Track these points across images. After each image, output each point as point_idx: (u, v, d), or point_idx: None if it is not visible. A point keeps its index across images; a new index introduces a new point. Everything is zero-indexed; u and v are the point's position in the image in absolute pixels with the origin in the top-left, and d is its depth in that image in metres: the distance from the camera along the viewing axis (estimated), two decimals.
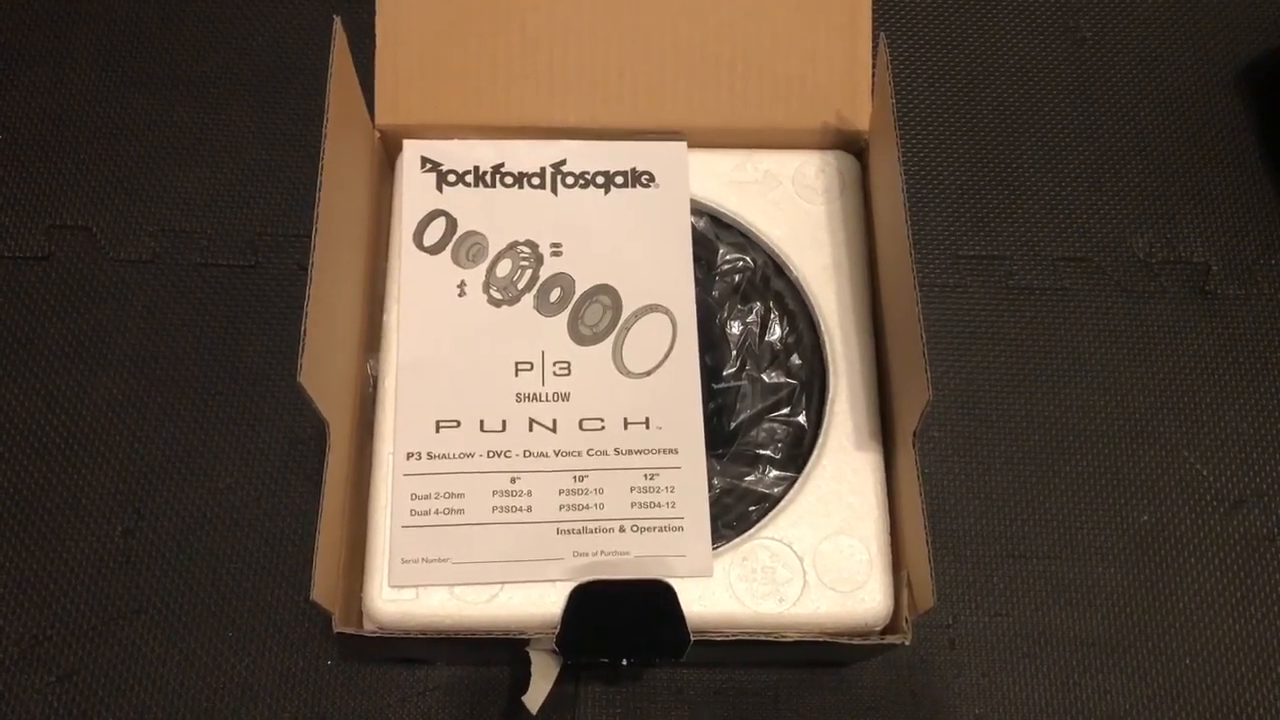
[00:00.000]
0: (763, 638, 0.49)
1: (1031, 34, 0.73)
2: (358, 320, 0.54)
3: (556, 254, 0.54)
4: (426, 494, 0.50)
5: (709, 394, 0.55)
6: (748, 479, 0.53)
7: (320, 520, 0.45)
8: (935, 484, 0.62)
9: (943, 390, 0.63)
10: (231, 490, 0.60)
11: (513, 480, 0.50)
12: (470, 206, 0.55)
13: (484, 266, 0.54)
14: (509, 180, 0.55)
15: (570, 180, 0.55)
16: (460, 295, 0.53)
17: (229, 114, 0.69)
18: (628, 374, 0.52)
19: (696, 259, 0.57)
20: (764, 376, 0.55)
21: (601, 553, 0.49)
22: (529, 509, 0.49)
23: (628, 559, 0.50)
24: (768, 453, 0.53)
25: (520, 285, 0.53)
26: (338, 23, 0.49)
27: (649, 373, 0.53)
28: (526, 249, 0.54)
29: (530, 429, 0.51)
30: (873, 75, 0.56)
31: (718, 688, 0.57)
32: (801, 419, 0.54)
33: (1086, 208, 0.69)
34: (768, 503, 0.52)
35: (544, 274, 0.54)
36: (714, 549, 0.51)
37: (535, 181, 0.55)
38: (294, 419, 0.62)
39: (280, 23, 0.71)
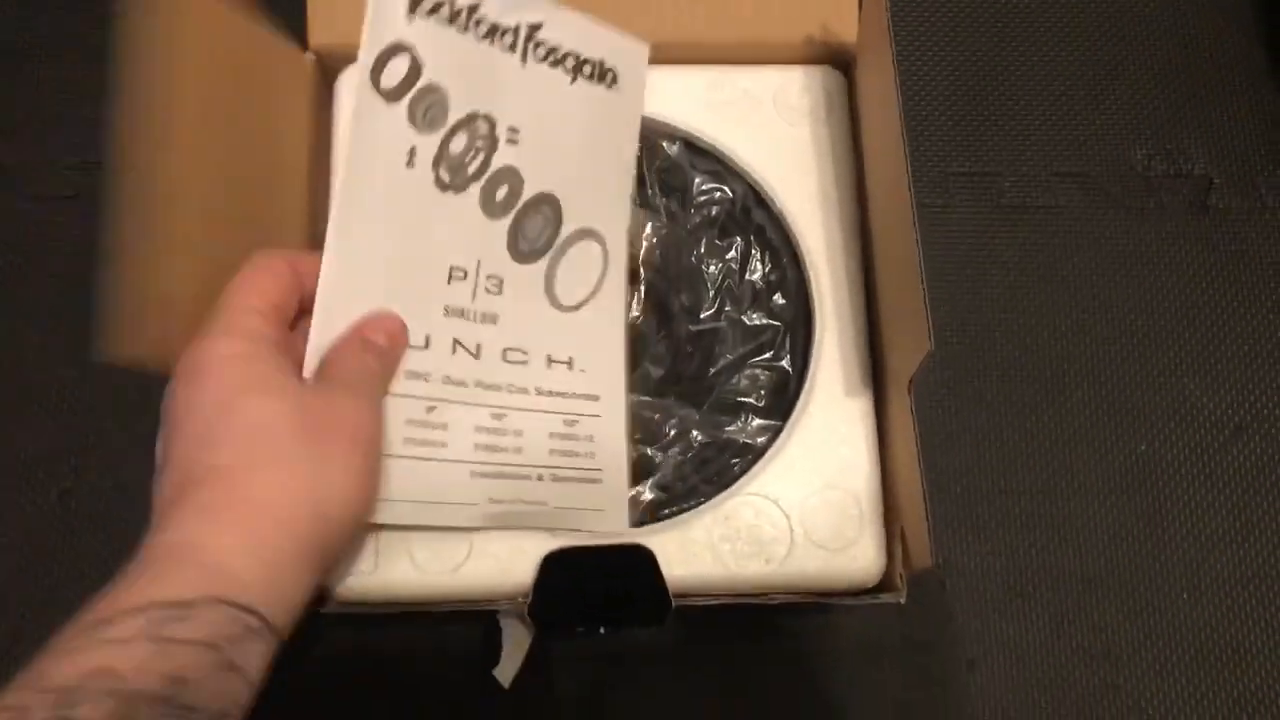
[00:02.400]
0: (748, 601, 0.46)
1: None
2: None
3: (512, 142, 0.46)
4: None
5: (686, 337, 0.51)
6: (729, 429, 0.49)
7: None
8: (923, 418, 0.57)
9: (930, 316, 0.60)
10: None
11: (429, 410, 0.44)
12: (439, 49, 0.44)
13: (439, 135, 0.44)
14: (482, 29, 0.45)
15: (543, 53, 0.46)
16: (409, 165, 0.44)
17: None
18: (557, 305, 0.47)
19: (670, 189, 0.52)
20: (744, 318, 0.51)
21: (520, 500, 0.45)
22: (444, 444, 0.44)
23: (545, 509, 0.45)
24: (750, 400, 0.50)
25: (471, 170, 0.45)
26: None
27: (577, 307, 0.48)
28: (485, 125, 0.45)
29: (454, 350, 0.45)
30: None
31: (701, 637, 0.55)
32: (786, 363, 0.50)
33: (1082, 120, 0.64)
34: (751, 455, 0.49)
35: (496, 163, 0.46)
36: (694, 506, 0.47)
37: (508, 40, 0.46)
38: None
39: None
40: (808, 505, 0.48)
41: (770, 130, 0.52)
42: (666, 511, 0.48)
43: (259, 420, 0.37)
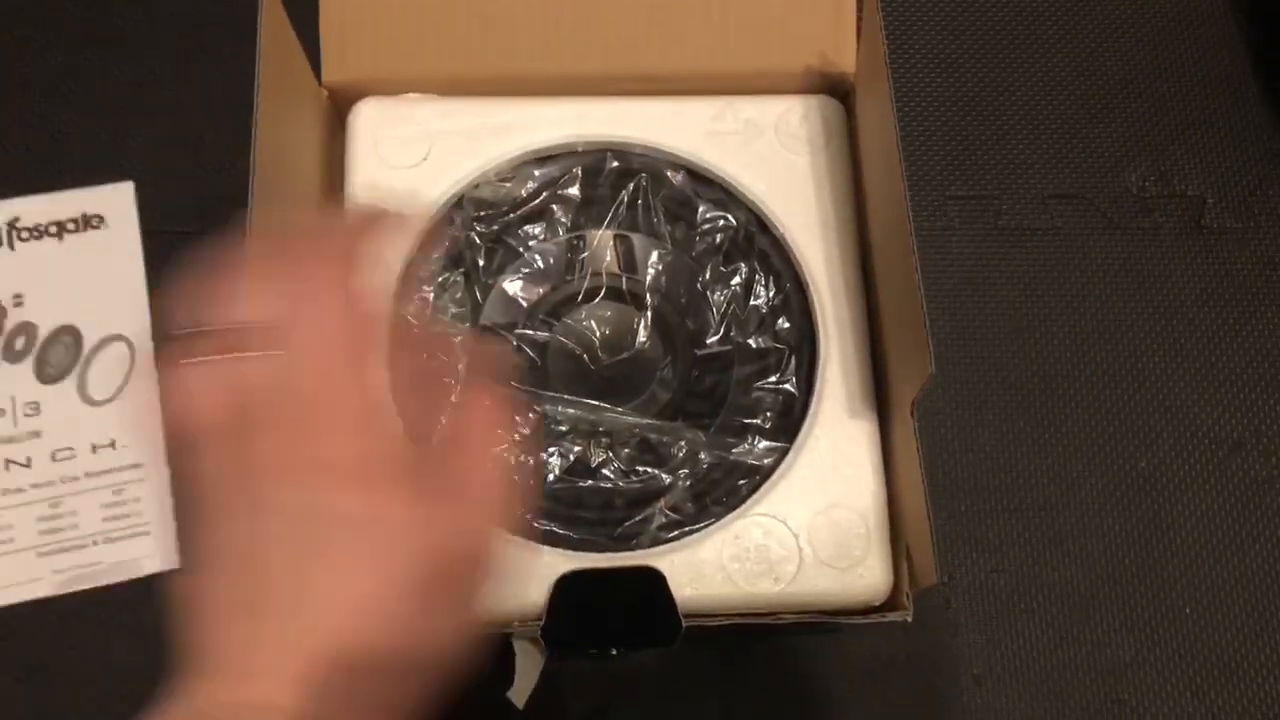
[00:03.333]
0: (757, 621, 0.47)
1: None
2: None
3: (19, 305, 0.57)
4: None
5: (692, 361, 0.52)
6: (736, 451, 0.50)
7: None
8: (927, 436, 0.59)
9: (932, 338, 0.60)
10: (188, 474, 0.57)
11: None
12: None
13: None
14: None
15: (25, 235, 0.58)
16: None
17: (162, 71, 0.64)
18: (92, 402, 0.56)
19: (675, 217, 0.53)
20: (750, 342, 0.52)
21: (77, 567, 0.53)
22: (11, 540, 0.54)
23: (101, 567, 0.53)
24: (756, 422, 0.51)
25: None
26: None
27: (112, 398, 0.56)
28: None
29: (6, 469, 0.55)
30: (858, 15, 0.52)
31: (710, 656, 0.56)
32: (791, 386, 0.51)
33: (1078, 143, 0.66)
34: (758, 476, 0.50)
35: (8, 325, 0.56)
36: (703, 527, 0.48)
37: None
38: None
39: None
40: (815, 525, 0.49)
41: (772, 158, 0.54)
42: (676, 533, 0.48)
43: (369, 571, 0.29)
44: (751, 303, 0.52)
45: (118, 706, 0.54)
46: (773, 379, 0.51)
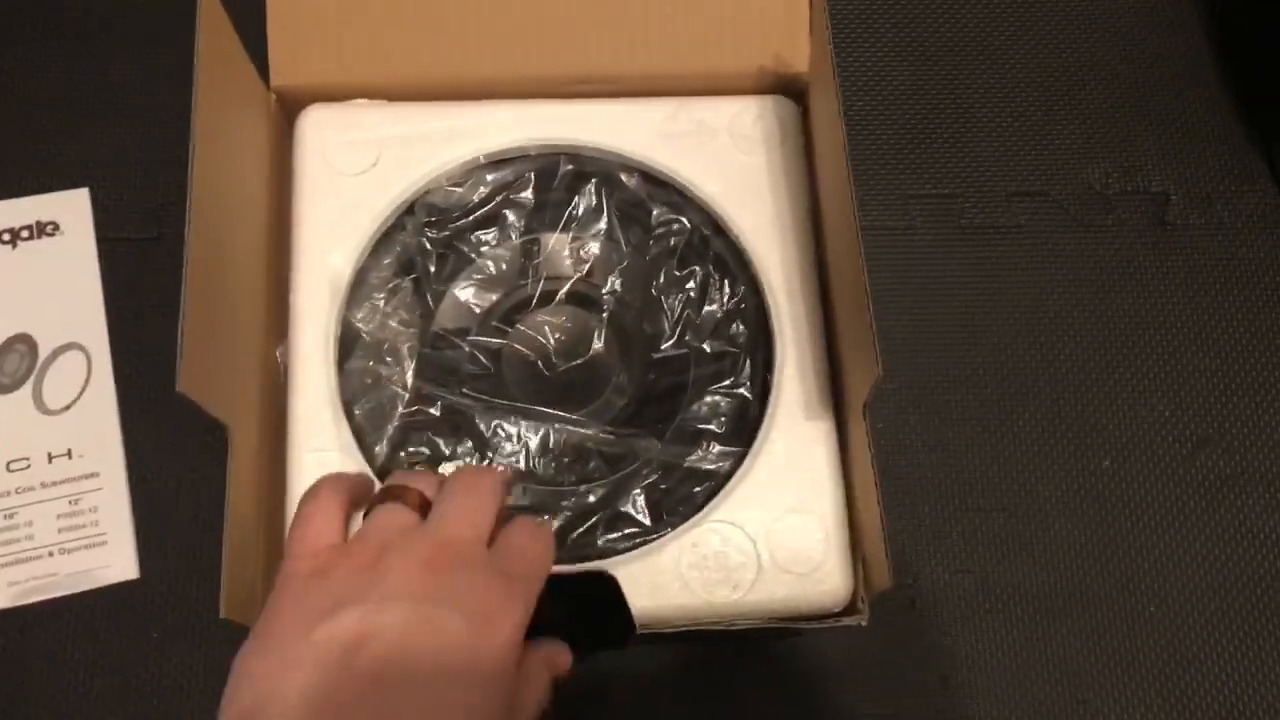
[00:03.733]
0: (716, 628, 0.46)
1: None
2: (261, 300, 0.49)
3: None
4: None
5: (648, 365, 0.52)
6: (690, 458, 0.49)
7: (226, 529, 0.42)
8: (889, 438, 0.60)
9: (894, 339, 0.60)
10: (148, 481, 0.57)
11: None
12: None
13: None
14: None
15: None
16: None
17: (115, 71, 0.63)
18: (48, 411, 0.57)
19: (630, 220, 0.53)
20: (704, 346, 0.51)
21: (33, 578, 0.54)
22: None
23: (57, 578, 0.54)
24: (711, 428, 0.50)
25: None
26: None
27: (68, 407, 0.57)
28: None
29: None
30: (810, 12, 0.52)
31: (670, 661, 0.55)
32: (746, 390, 0.51)
33: (1039, 140, 0.65)
34: (713, 482, 0.49)
35: None
36: (659, 535, 0.48)
37: None
38: None
39: None
40: (773, 530, 0.48)
41: (726, 160, 0.53)
42: (633, 543, 0.48)
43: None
44: (706, 307, 0.52)
45: (76, 718, 0.54)
46: (727, 383, 0.51)
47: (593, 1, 0.52)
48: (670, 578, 0.47)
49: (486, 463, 0.49)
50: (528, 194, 0.53)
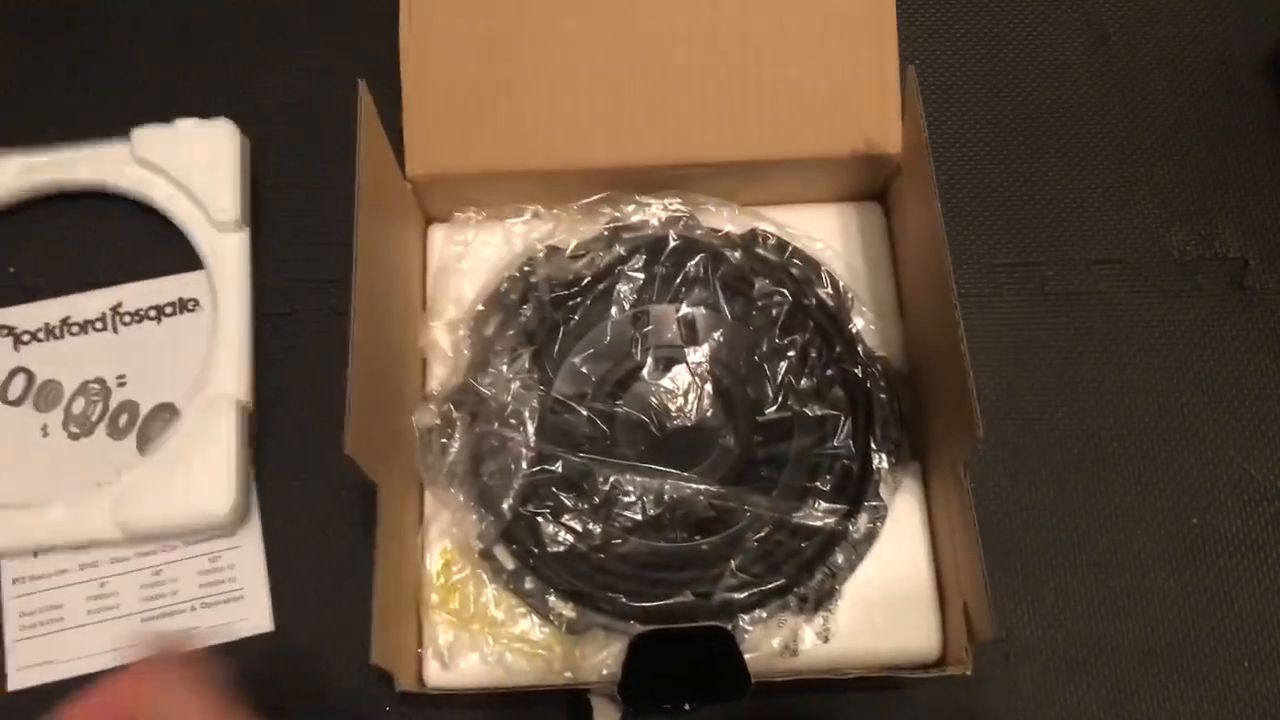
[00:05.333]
0: (819, 677, 0.49)
1: (1052, 33, 0.72)
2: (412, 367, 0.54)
3: (122, 384, 0.62)
4: (30, 610, 0.58)
5: (753, 428, 0.55)
6: (798, 514, 0.52)
7: (375, 581, 0.45)
8: (981, 497, 0.61)
9: (984, 401, 0.61)
10: (282, 540, 0.60)
11: (101, 585, 0.58)
12: (42, 358, 0.62)
13: (60, 408, 0.61)
14: (74, 329, 0.63)
15: (128, 319, 0.63)
16: (44, 436, 0.61)
17: (266, 146, 0.68)
18: None
19: (735, 292, 0.57)
20: (807, 410, 0.54)
21: (176, 631, 0.58)
22: (117, 606, 0.58)
23: (199, 631, 0.58)
24: (817, 484, 0.53)
25: (94, 418, 0.61)
26: (363, 87, 0.49)
27: None
28: (96, 385, 0.62)
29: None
30: (901, 99, 0.56)
31: (775, 710, 0.57)
32: (847, 450, 0.53)
33: (1118, 208, 0.68)
34: (819, 537, 0.52)
35: (113, 404, 0.61)
36: (768, 589, 0.51)
37: (99, 325, 0.63)
38: (338, 465, 0.61)
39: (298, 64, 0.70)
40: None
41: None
42: (746, 594, 0.51)
43: None
44: (807, 372, 0.55)
45: None
46: (830, 444, 0.54)
47: (697, 92, 0.56)
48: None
49: (605, 515, 0.53)
50: (639, 268, 0.57)
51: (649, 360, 0.57)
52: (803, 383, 0.55)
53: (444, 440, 0.53)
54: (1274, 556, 0.60)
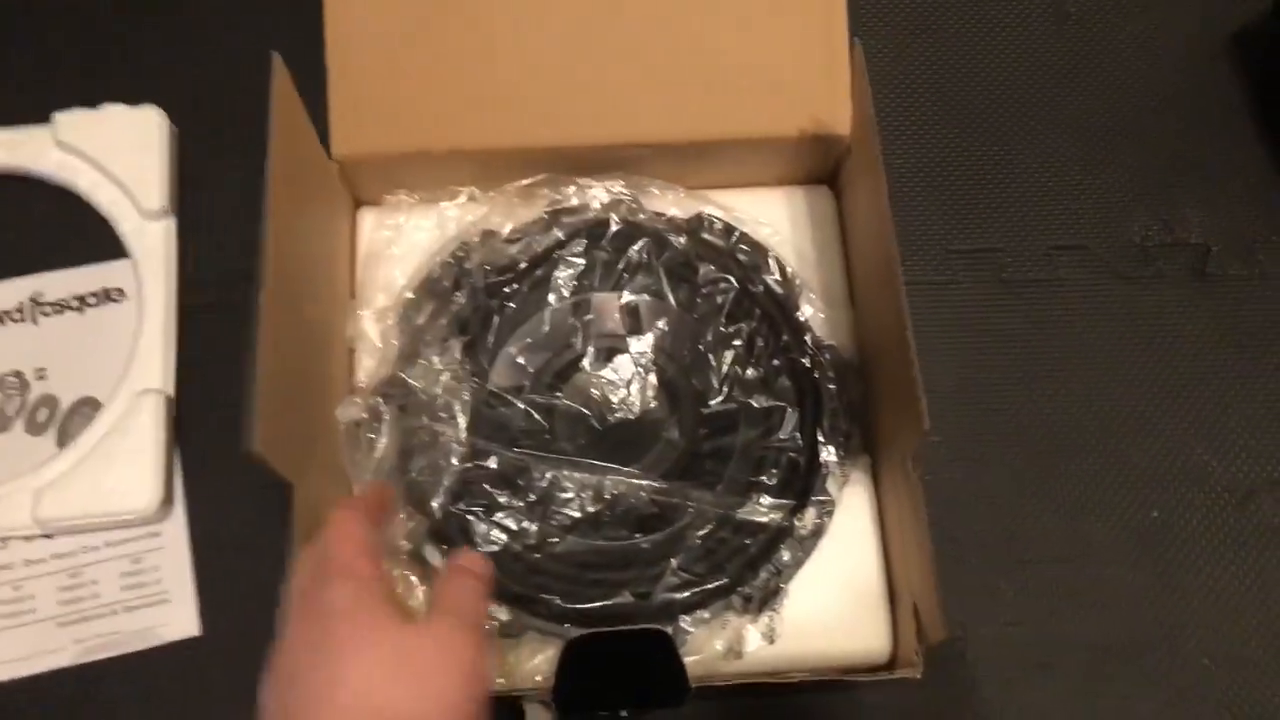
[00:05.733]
0: (766, 681, 0.47)
1: (1012, 11, 0.70)
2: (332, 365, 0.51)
3: (41, 378, 0.59)
4: None
5: (697, 420, 0.53)
6: (742, 510, 0.50)
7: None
8: (936, 489, 0.59)
9: (938, 391, 0.60)
10: (209, 539, 0.58)
11: (15, 589, 0.56)
12: None
13: None
14: None
15: (49, 309, 0.60)
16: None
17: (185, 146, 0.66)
18: None
19: (680, 279, 0.54)
20: (753, 401, 0.52)
21: (97, 636, 0.55)
22: (33, 610, 0.55)
23: (120, 636, 0.55)
24: (762, 479, 0.51)
25: (11, 413, 0.58)
26: (277, 60, 0.46)
27: None
28: (14, 379, 0.59)
29: (29, 540, 0.56)
30: (851, 77, 0.54)
31: (721, 714, 0.55)
32: (794, 444, 0.51)
33: (1079, 193, 0.66)
34: (764, 534, 0.50)
35: (31, 398, 0.58)
36: (710, 588, 0.49)
37: (17, 316, 0.60)
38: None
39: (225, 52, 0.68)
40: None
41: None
42: (688, 593, 0.49)
43: (362, 682, 0.39)
44: (753, 362, 0.53)
45: None
46: (776, 437, 0.52)
47: (640, 70, 0.54)
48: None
49: (542, 512, 0.51)
50: (579, 254, 0.55)
51: (589, 350, 0.55)
52: (749, 373, 0.53)
53: (371, 435, 0.51)
54: (1233, 550, 0.59)
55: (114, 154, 0.62)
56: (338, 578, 0.41)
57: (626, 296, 0.55)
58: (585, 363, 0.55)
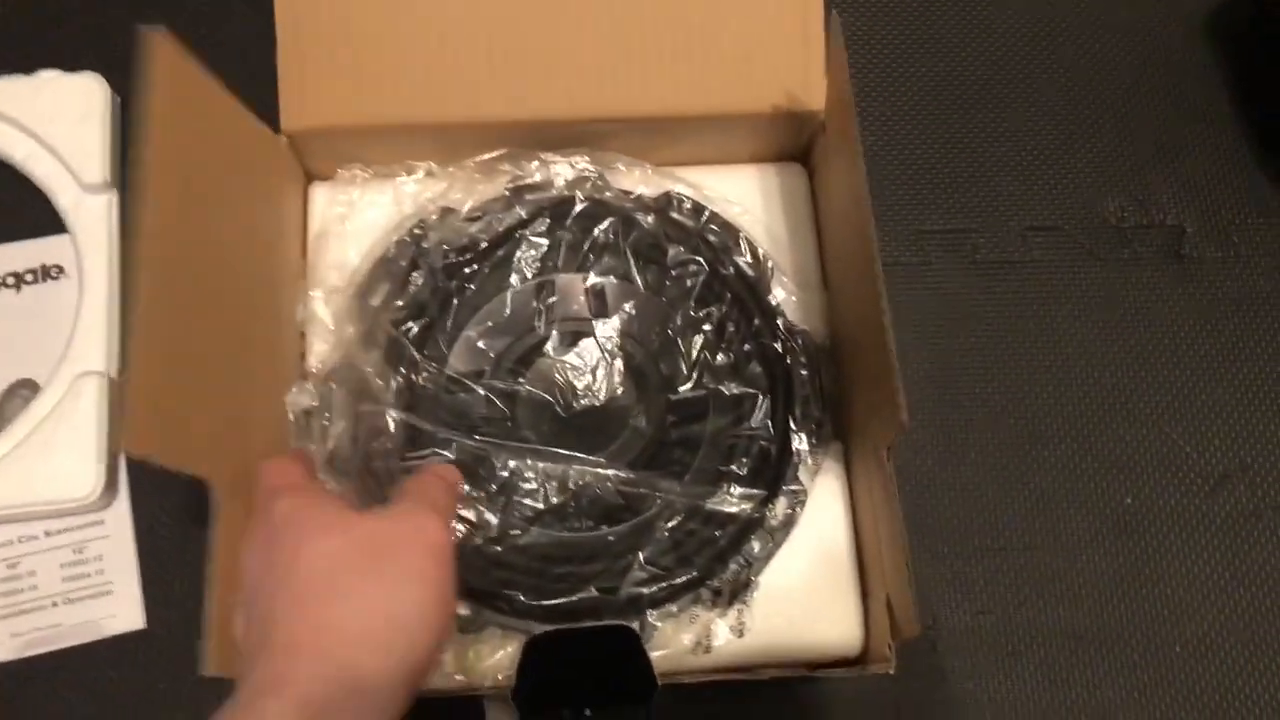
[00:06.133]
0: (735, 677, 0.45)
1: None
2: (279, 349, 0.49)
3: None
4: None
5: (665, 407, 0.51)
6: (712, 500, 0.49)
7: (208, 587, 0.41)
8: (907, 476, 0.59)
9: (911, 376, 0.59)
10: (155, 530, 0.56)
11: None
12: None
13: None
14: None
15: None
16: None
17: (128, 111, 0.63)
18: None
19: (648, 260, 0.52)
20: (723, 388, 0.51)
21: (35, 630, 0.53)
22: None
23: (61, 629, 0.53)
24: (733, 468, 0.49)
25: None
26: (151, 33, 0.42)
27: None
28: None
29: None
30: (826, 51, 0.52)
31: (690, 713, 0.54)
32: (765, 432, 0.50)
33: (1054, 174, 0.65)
34: (734, 525, 0.48)
35: None
36: (679, 580, 0.47)
37: None
38: None
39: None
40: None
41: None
42: (655, 587, 0.47)
43: (324, 561, 0.38)
44: (724, 347, 0.51)
45: None
46: (747, 425, 0.50)
47: (606, 41, 0.52)
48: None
49: (504, 503, 0.49)
50: (542, 233, 0.53)
51: (553, 334, 0.53)
52: (719, 359, 0.51)
53: (324, 423, 0.49)
54: (1206, 537, 0.59)
55: (52, 123, 0.60)
56: (279, 496, 0.39)
57: (592, 278, 0.53)
58: (549, 347, 0.53)
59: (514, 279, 0.53)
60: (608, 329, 0.53)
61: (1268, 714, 0.56)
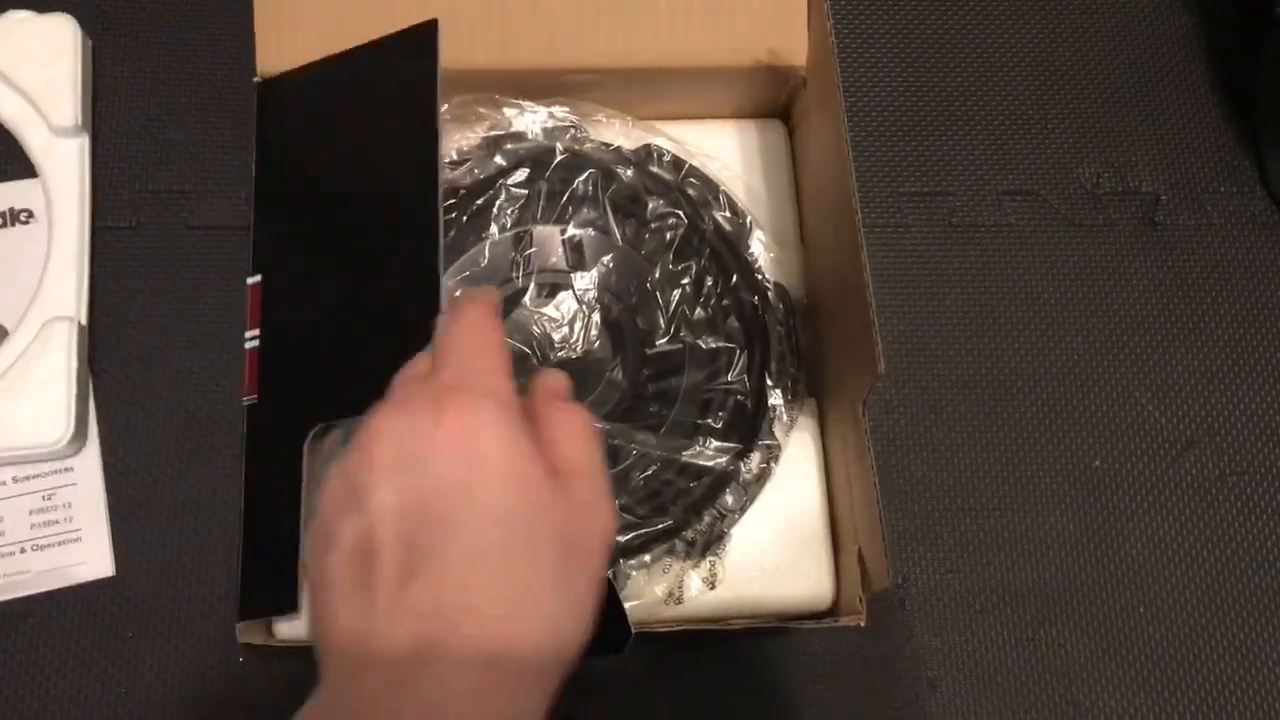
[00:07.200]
0: (708, 628, 0.46)
1: None
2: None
3: None
4: None
5: (642, 360, 0.51)
6: (687, 453, 0.49)
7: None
8: (878, 435, 0.59)
9: (885, 336, 0.59)
10: (125, 476, 0.55)
11: None
12: None
13: None
14: None
15: None
16: None
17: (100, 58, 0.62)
18: None
19: (627, 213, 0.52)
20: (700, 342, 0.51)
21: (3, 576, 0.53)
22: None
23: (29, 576, 0.53)
24: (708, 422, 0.49)
25: None
26: None
27: None
28: None
29: None
30: (808, 7, 0.52)
31: (662, 663, 0.54)
32: (741, 386, 0.50)
33: (1031, 138, 0.65)
34: (709, 477, 0.48)
35: None
36: (654, 531, 0.47)
37: None
38: (189, 396, 0.57)
39: None
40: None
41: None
42: (630, 535, 0.47)
43: (500, 531, 0.30)
44: (701, 302, 0.51)
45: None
46: (723, 379, 0.50)
47: None
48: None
49: None
50: (520, 183, 0.52)
51: (531, 286, 0.52)
52: (696, 313, 0.51)
53: None
54: (1171, 501, 0.59)
55: (21, 64, 0.58)
56: (484, 396, 0.30)
57: (571, 230, 0.53)
58: (526, 299, 0.52)
59: (492, 229, 0.52)
60: (585, 282, 0.53)
61: (1228, 671, 0.57)
